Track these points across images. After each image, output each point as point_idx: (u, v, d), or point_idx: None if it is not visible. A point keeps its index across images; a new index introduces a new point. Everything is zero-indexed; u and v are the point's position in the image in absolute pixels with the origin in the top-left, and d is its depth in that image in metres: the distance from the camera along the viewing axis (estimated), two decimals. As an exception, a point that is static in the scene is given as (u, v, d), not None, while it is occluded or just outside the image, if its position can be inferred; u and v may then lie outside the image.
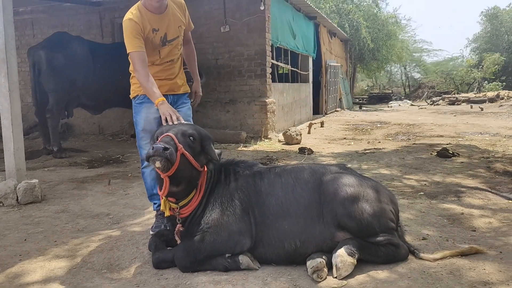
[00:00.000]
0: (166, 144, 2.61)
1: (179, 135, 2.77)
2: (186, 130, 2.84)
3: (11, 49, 4.97)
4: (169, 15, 3.42)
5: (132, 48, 3.22)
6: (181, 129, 2.83)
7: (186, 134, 2.81)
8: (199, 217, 2.90)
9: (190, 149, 2.78)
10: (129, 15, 3.29)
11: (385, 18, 24.01)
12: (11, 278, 2.88)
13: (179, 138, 2.76)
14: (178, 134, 2.78)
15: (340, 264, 2.61)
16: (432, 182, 5.34)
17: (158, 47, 3.42)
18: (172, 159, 2.61)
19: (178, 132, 2.79)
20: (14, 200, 4.74)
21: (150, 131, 3.38)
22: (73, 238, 3.63)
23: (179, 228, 2.95)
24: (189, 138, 2.81)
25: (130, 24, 3.24)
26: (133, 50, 3.22)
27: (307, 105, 14.63)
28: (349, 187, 2.82)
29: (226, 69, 9.89)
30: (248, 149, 8.46)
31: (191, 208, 2.90)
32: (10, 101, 4.93)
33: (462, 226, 3.63)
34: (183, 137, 2.78)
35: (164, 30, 3.40)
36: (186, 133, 2.82)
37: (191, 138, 2.82)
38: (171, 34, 3.46)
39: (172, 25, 3.44)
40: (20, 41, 11.14)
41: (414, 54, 35.24)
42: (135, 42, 3.22)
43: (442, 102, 23.57)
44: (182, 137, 2.78)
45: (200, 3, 9.90)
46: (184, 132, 2.82)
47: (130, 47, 3.23)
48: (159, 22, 3.34)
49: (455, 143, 8.56)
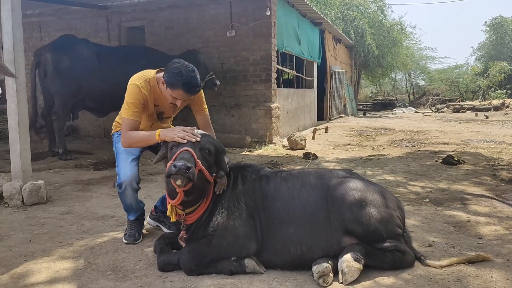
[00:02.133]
0: (188, 163, 2.58)
1: (197, 150, 2.75)
2: (204, 144, 2.82)
3: (19, 51, 5.01)
4: None
5: (128, 115, 3.18)
6: (199, 144, 2.81)
7: (204, 148, 2.80)
8: (206, 220, 2.89)
9: (206, 163, 2.78)
10: (139, 81, 3.23)
11: (390, 25, 23.99)
12: (16, 279, 2.88)
13: (197, 153, 2.74)
14: (196, 149, 2.76)
15: (346, 270, 2.60)
16: (438, 189, 5.32)
17: (152, 120, 3.49)
18: (194, 179, 2.60)
19: (197, 147, 2.78)
20: (19, 201, 4.76)
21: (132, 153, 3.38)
22: (78, 239, 3.63)
23: (183, 234, 2.95)
24: (206, 152, 2.81)
25: (135, 91, 3.20)
26: (129, 117, 3.17)
27: (311, 111, 14.63)
28: (357, 192, 2.82)
29: (231, 73, 9.92)
30: (253, 153, 8.46)
31: (196, 215, 2.91)
32: (17, 102, 4.95)
33: (468, 234, 3.61)
34: (200, 152, 2.77)
35: (163, 108, 3.44)
36: (204, 148, 2.80)
37: (207, 152, 2.81)
38: (168, 113, 3.53)
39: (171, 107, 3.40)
40: (28, 44, 11.21)
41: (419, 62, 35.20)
42: (133, 110, 3.18)
43: (446, 110, 23.50)
44: (200, 152, 2.77)
45: (206, 7, 9.96)
46: (202, 146, 2.80)
47: (127, 113, 3.18)
48: (161, 99, 3.35)
49: (460, 150, 8.53)
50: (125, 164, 3.34)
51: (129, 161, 3.35)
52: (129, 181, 3.31)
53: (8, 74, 4.48)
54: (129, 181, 3.31)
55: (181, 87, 3.05)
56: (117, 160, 3.40)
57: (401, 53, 25.22)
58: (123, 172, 3.32)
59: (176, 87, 3.06)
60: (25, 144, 5.01)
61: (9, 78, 4.92)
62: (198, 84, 3.13)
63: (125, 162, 3.35)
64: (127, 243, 3.43)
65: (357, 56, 23.02)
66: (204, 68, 8.74)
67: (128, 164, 3.34)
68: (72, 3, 10.41)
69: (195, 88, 3.12)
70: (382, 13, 24.47)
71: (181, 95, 3.10)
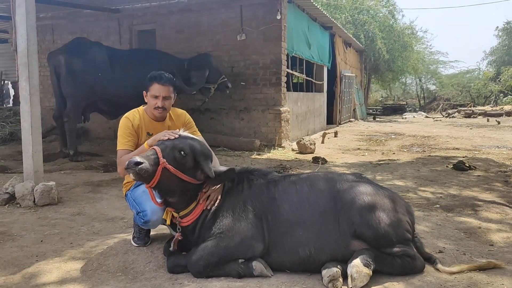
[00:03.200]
0: (142, 159, 2.67)
1: (167, 149, 2.80)
2: (177, 144, 2.84)
3: (33, 54, 5.08)
4: (165, 124, 3.50)
5: (120, 146, 3.31)
6: (173, 144, 2.84)
7: (176, 148, 2.82)
8: (210, 223, 2.91)
9: (177, 163, 2.80)
10: (128, 114, 3.42)
11: (401, 29, 23.89)
12: (28, 279, 2.91)
13: (167, 152, 2.79)
14: (167, 148, 2.81)
15: (356, 275, 2.59)
16: (448, 194, 5.28)
17: None
18: (143, 174, 2.67)
19: (168, 146, 2.82)
20: (31, 202, 4.82)
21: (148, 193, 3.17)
22: (89, 240, 3.66)
23: (178, 236, 2.98)
24: (179, 152, 2.82)
25: (124, 123, 3.35)
26: (121, 148, 3.30)
27: (321, 115, 14.60)
28: (367, 195, 2.82)
29: (241, 77, 9.95)
30: (262, 157, 8.46)
31: (192, 217, 2.93)
32: (30, 104, 5.03)
33: (479, 240, 3.57)
34: (171, 151, 2.81)
35: None
36: (176, 147, 2.83)
37: (181, 152, 2.82)
38: None
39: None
40: (40, 46, 11.30)
41: (430, 66, 34.94)
42: (125, 140, 3.30)
43: (457, 115, 23.30)
44: (171, 150, 2.81)
45: (217, 11, 10.01)
46: (174, 146, 2.83)
47: (119, 144, 3.31)
48: (154, 128, 3.42)
49: (471, 156, 8.45)
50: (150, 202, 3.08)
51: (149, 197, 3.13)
52: (156, 220, 3.21)
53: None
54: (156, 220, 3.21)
55: (153, 81, 3.33)
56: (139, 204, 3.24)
57: (411, 57, 25.07)
58: (151, 211, 3.13)
59: (150, 84, 3.34)
60: (37, 146, 5.08)
61: (23, 80, 5.00)
62: (167, 76, 3.37)
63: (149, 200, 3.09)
64: (137, 246, 3.44)
65: (367, 60, 22.94)
66: (216, 71, 8.80)
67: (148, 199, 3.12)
68: (84, 7, 10.53)
69: (163, 76, 3.35)
70: (393, 17, 24.40)
71: (156, 88, 3.31)
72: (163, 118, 3.48)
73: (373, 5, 23.44)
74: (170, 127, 3.49)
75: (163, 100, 3.32)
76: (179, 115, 3.62)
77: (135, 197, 3.31)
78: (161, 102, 3.31)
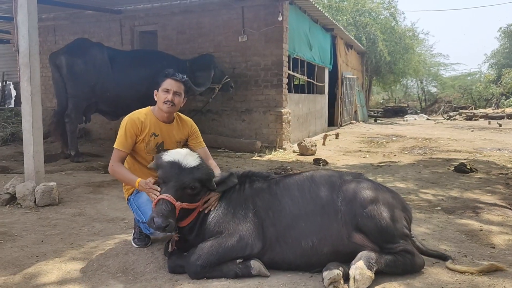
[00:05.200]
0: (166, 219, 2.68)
1: (179, 192, 2.81)
2: (185, 182, 2.85)
3: (35, 54, 5.09)
4: (172, 127, 3.49)
5: (119, 145, 3.31)
6: (180, 183, 2.85)
7: (186, 186, 2.85)
8: (209, 222, 2.93)
9: (190, 197, 2.87)
10: (133, 114, 3.40)
11: (402, 31, 23.86)
12: (28, 279, 2.91)
13: (178, 194, 2.80)
14: (179, 190, 2.81)
15: (359, 277, 2.58)
16: (449, 197, 5.26)
17: (152, 153, 3.39)
18: (172, 230, 2.75)
19: (178, 188, 2.82)
20: (32, 202, 4.81)
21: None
22: (89, 241, 3.66)
23: (175, 237, 3.00)
24: (189, 189, 2.86)
25: (129, 122, 3.33)
26: (119, 148, 3.31)
27: (322, 117, 14.60)
28: (368, 190, 2.88)
29: (242, 78, 9.95)
30: (263, 158, 8.46)
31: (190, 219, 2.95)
32: (32, 104, 5.03)
33: (480, 243, 3.56)
34: (182, 190, 2.83)
35: (163, 138, 3.44)
36: (186, 186, 2.85)
37: (191, 188, 2.86)
38: (168, 144, 3.46)
39: (172, 137, 3.47)
40: (42, 47, 11.36)
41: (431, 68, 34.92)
42: (124, 141, 3.30)
43: (459, 117, 23.26)
44: (181, 190, 2.83)
45: (218, 12, 10.02)
46: (183, 185, 2.85)
47: (118, 143, 3.31)
48: (161, 129, 3.42)
49: (473, 158, 8.43)
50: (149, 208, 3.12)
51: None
52: None
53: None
54: None
55: (167, 77, 3.38)
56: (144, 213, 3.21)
57: (413, 59, 25.06)
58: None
59: (163, 80, 3.38)
60: (38, 146, 5.08)
61: (25, 81, 5.00)
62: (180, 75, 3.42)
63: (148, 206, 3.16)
64: (137, 247, 3.44)
65: (369, 62, 22.94)
66: (220, 72, 8.82)
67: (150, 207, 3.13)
68: (86, 8, 10.56)
69: (177, 74, 3.40)
70: (395, 19, 24.37)
71: (169, 82, 3.35)
72: (170, 118, 3.46)
73: (374, 7, 23.45)
74: (176, 131, 3.50)
75: (173, 95, 3.33)
76: (186, 122, 3.61)
77: (139, 205, 3.29)
78: (172, 96, 3.32)
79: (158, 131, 3.41)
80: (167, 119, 3.44)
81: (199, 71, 8.52)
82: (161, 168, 2.92)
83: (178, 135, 3.52)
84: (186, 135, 3.57)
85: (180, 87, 3.38)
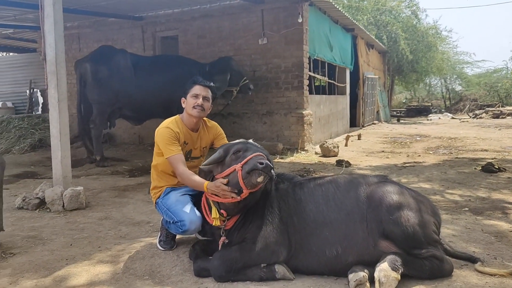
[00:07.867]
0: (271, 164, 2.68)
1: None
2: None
3: (61, 62, 5.23)
4: (200, 134, 3.56)
5: (170, 153, 3.27)
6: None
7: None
8: (240, 224, 2.94)
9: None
10: (166, 123, 3.41)
11: (424, 29, 23.43)
12: (58, 281, 2.99)
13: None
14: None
15: (384, 279, 2.55)
16: (477, 197, 5.15)
17: None
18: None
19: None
20: (60, 206, 4.94)
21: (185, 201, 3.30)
22: (116, 244, 3.73)
23: (224, 240, 2.97)
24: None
25: (166, 132, 3.34)
26: (171, 155, 3.27)
27: (344, 117, 14.48)
28: (394, 194, 2.81)
29: (263, 81, 9.97)
30: (285, 160, 8.45)
31: (233, 220, 2.96)
32: (59, 111, 5.17)
33: (510, 244, 3.47)
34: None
35: (191, 146, 3.52)
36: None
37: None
38: (196, 152, 3.57)
39: (198, 145, 3.56)
40: (67, 55, 11.53)
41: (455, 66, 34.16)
42: (172, 147, 3.29)
43: (485, 116, 22.68)
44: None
45: (238, 16, 10.07)
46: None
47: (168, 152, 3.28)
48: (190, 137, 3.49)
49: (501, 157, 8.22)
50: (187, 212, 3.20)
51: (189, 208, 3.22)
52: (195, 229, 3.23)
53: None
54: (195, 229, 3.23)
55: (195, 83, 3.47)
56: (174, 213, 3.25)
57: (436, 57, 24.57)
58: (189, 220, 3.16)
59: (191, 86, 3.46)
60: (65, 151, 5.21)
61: (52, 88, 5.14)
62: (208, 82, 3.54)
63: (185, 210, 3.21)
64: (163, 250, 3.48)
65: (391, 61, 22.63)
66: (238, 74, 8.84)
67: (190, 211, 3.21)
68: (109, 15, 10.77)
69: (205, 81, 3.51)
70: (416, 18, 23.96)
71: (197, 88, 3.44)
72: (199, 124, 3.52)
73: (395, 5, 23.11)
74: (202, 138, 3.57)
75: (203, 100, 3.40)
76: (211, 127, 3.69)
77: (169, 206, 3.33)
78: (201, 101, 3.38)
79: (189, 140, 3.49)
80: (195, 125, 3.50)
81: (217, 74, 8.56)
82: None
83: (203, 141, 3.60)
84: (212, 139, 3.66)
85: (208, 92, 3.47)
